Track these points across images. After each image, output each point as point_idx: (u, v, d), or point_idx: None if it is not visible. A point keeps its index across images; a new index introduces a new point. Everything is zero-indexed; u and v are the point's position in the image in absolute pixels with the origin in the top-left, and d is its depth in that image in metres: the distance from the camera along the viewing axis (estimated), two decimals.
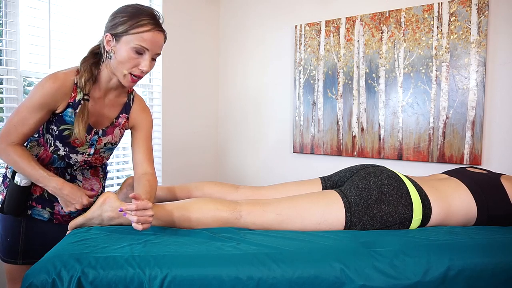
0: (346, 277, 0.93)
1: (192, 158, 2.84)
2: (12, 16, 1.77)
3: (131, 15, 1.14)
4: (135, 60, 1.15)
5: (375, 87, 2.33)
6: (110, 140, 1.32)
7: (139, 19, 1.13)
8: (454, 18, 2.08)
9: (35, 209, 1.26)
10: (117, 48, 1.14)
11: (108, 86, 1.25)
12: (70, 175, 1.31)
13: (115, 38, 1.14)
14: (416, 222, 1.21)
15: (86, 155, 1.28)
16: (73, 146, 1.24)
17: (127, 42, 1.13)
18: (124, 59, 1.15)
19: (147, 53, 1.15)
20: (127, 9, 1.15)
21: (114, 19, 1.15)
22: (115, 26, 1.14)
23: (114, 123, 1.32)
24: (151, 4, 2.48)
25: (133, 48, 1.13)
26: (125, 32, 1.12)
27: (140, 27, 1.12)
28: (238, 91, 2.96)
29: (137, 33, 1.12)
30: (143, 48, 1.14)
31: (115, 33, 1.14)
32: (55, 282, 0.90)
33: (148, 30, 1.13)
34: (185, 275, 0.92)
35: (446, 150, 2.13)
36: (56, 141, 1.22)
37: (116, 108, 1.32)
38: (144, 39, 1.13)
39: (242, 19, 2.91)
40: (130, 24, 1.12)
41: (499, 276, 0.96)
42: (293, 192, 1.42)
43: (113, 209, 1.16)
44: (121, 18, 1.14)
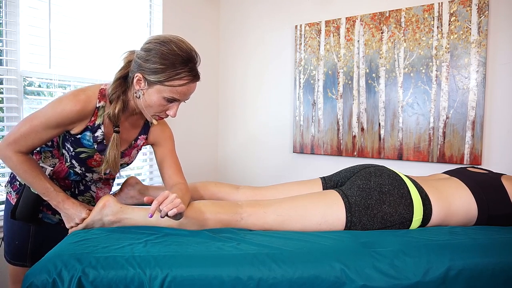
0: (346, 277, 0.93)
1: (192, 158, 2.84)
2: (12, 16, 1.77)
3: (169, 64, 1.06)
4: (164, 106, 1.13)
5: (375, 87, 2.33)
6: (126, 161, 1.31)
7: (176, 70, 1.06)
8: (454, 18, 2.08)
9: (45, 214, 1.26)
10: (148, 92, 1.10)
11: (131, 113, 1.22)
12: (85, 185, 1.31)
13: (147, 82, 1.09)
14: (416, 222, 1.21)
15: (102, 174, 1.26)
16: (89, 167, 1.23)
17: (159, 91, 1.09)
18: (153, 104, 1.11)
19: (178, 102, 1.14)
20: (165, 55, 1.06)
21: (148, 62, 1.07)
22: (149, 72, 1.07)
23: (133, 145, 1.30)
24: (151, 4, 2.48)
25: (165, 98, 1.10)
26: (160, 82, 1.07)
27: (177, 80, 1.07)
28: (238, 91, 2.96)
29: (172, 86, 1.07)
30: (176, 99, 1.11)
31: (148, 78, 1.08)
32: (56, 282, 0.90)
33: (184, 84, 1.08)
34: (186, 275, 0.92)
35: (446, 150, 2.13)
36: (73, 160, 1.21)
37: (136, 130, 1.29)
38: (178, 92, 1.09)
39: (242, 19, 2.91)
40: (166, 76, 1.06)
41: (499, 276, 0.96)
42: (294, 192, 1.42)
43: (114, 213, 1.16)
44: (158, 66, 1.06)
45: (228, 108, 3.03)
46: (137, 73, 1.10)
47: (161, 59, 1.06)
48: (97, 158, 1.21)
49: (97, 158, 1.21)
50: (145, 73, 1.08)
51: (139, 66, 1.09)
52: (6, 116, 1.79)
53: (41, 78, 1.94)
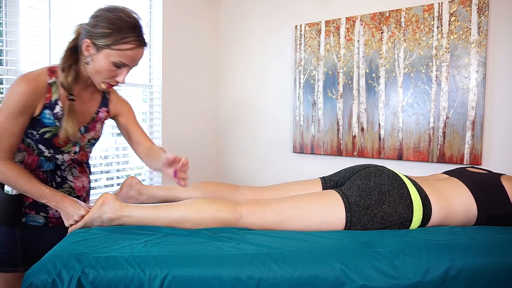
0: (346, 277, 0.93)
1: (192, 158, 2.84)
2: (12, 16, 1.77)
3: (116, 29, 1.10)
4: (113, 72, 1.15)
5: (375, 87, 2.33)
6: (93, 135, 1.32)
7: (123, 35, 1.10)
8: (454, 18, 2.08)
9: (28, 216, 1.24)
10: (97, 57, 1.13)
11: (86, 84, 1.24)
12: (61, 177, 1.29)
13: (96, 47, 1.12)
14: (416, 222, 1.21)
15: (72, 154, 1.27)
16: (57, 147, 1.22)
17: (107, 55, 1.12)
18: (102, 70, 1.14)
19: (126, 67, 1.16)
20: (112, 20, 1.11)
21: (96, 27, 1.11)
22: (97, 36, 1.11)
23: (95, 118, 1.31)
24: (151, 4, 2.49)
25: (113, 62, 1.13)
26: (107, 46, 1.10)
27: (124, 44, 1.11)
28: (238, 91, 2.97)
29: (120, 50, 1.11)
30: (123, 63, 1.14)
31: (97, 43, 1.11)
32: (55, 282, 0.90)
33: (131, 48, 1.12)
34: (185, 275, 0.92)
35: (446, 150, 2.13)
36: (39, 145, 1.20)
37: (95, 103, 1.31)
38: (126, 56, 1.13)
39: (242, 19, 2.91)
40: (113, 39, 1.10)
41: (499, 276, 0.96)
42: (294, 192, 1.42)
43: (113, 211, 1.16)
44: (105, 30, 1.10)
45: (228, 108, 3.03)
46: (85, 39, 1.12)
47: (109, 24, 1.10)
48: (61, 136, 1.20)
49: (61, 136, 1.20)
50: (93, 38, 1.11)
51: (88, 32, 1.12)
52: None
53: None
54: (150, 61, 2.52)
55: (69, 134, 1.17)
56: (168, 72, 2.57)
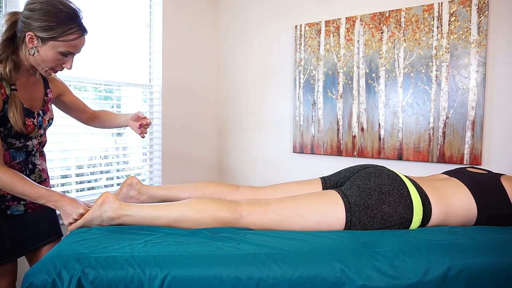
0: (346, 277, 0.93)
1: (192, 158, 2.84)
2: None
3: (59, 22, 1.15)
4: (60, 60, 1.22)
5: (375, 87, 2.33)
6: (50, 116, 1.39)
7: (68, 26, 1.16)
8: (454, 18, 2.08)
9: (12, 207, 1.27)
10: (42, 48, 1.17)
11: (29, 72, 1.28)
12: (31, 163, 1.35)
13: (40, 40, 1.16)
14: (416, 222, 1.21)
15: (39, 137, 1.34)
16: (26, 135, 1.28)
17: (54, 46, 1.17)
18: (49, 60, 1.20)
19: (72, 55, 1.24)
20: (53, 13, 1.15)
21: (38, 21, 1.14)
22: (40, 30, 1.14)
23: (46, 100, 1.38)
24: (151, 4, 2.49)
25: (60, 52, 1.19)
26: (53, 39, 1.16)
27: (69, 35, 1.17)
28: (238, 91, 2.97)
29: (66, 40, 1.17)
30: (70, 52, 1.21)
31: (41, 36, 1.15)
32: (55, 282, 0.90)
33: (76, 38, 1.19)
34: (185, 275, 0.92)
35: (446, 150, 2.13)
36: (8, 139, 1.24)
37: (40, 87, 1.37)
38: (72, 45, 1.20)
39: (242, 19, 2.91)
40: (59, 31, 1.15)
41: (499, 276, 0.96)
42: (293, 192, 1.42)
43: (113, 210, 1.16)
44: (48, 23, 1.14)
45: (228, 108, 3.03)
46: (28, 32, 1.16)
47: (50, 17, 1.14)
48: (29, 123, 1.26)
49: (29, 123, 1.26)
50: (36, 31, 1.15)
51: (28, 25, 1.15)
52: None
53: None
54: (150, 61, 2.52)
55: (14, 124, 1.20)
56: (168, 72, 2.57)
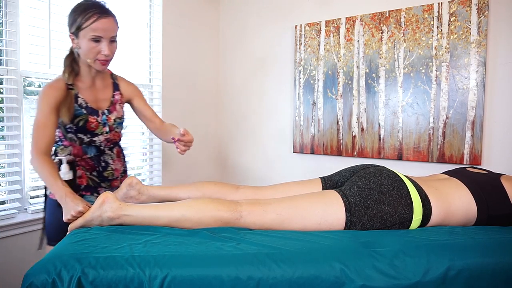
0: (346, 277, 0.93)
1: (192, 158, 2.84)
2: (12, 16, 1.77)
3: (80, 12, 1.31)
4: (96, 48, 1.34)
5: (375, 87, 2.33)
6: (116, 115, 1.53)
7: (86, 13, 1.30)
8: (454, 18, 2.08)
9: (85, 197, 1.45)
10: (79, 43, 1.34)
11: (91, 75, 1.46)
12: (104, 161, 1.52)
13: (75, 35, 1.33)
14: (416, 222, 1.21)
15: (105, 134, 1.49)
16: (91, 131, 1.44)
17: (84, 36, 1.32)
18: (86, 50, 1.34)
19: (103, 39, 1.33)
20: (78, 7, 1.33)
21: (70, 19, 1.33)
22: (72, 24, 1.32)
23: (113, 101, 1.53)
24: (151, 4, 2.49)
25: (89, 39, 1.32)
26: (80, 28, 1.31)
27: (89, 19, 1.30)
28: (238, 91, 2.97)
29: (88, 26, 1.30)
30: (97, 36, 1.32)
31: (74, 31, 1.32)
32: (55, 282, 0.90)
33: (95, 20, 1.30)
34: (185, 275, 0.92)
35: (446, 150, 2.13)
36: (78, 134, 1.43)
37: (108, 89, 1.53)
38: (96, 28, 1.31)
39: (242, 19, 2.91)
40: (81, 19, 1.30)
41: (499, 276, 0.96)
42: (293, 192, 1.42)
43: (113, 210, 1.16)
44: (74, 18, 1.32)
45: (228, 108, 3.03)
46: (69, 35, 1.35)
47: (73, 14, 1.33)
48: (92, 120, 1.43)
49: (92, 120, 1.43)
50: (70, 29, 1.34)
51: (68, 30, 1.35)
52: (6, 116, 1.79)
53: (41, 78, 1.94)
54: (150, 61, 2.52)
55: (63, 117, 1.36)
56: (168, 72, 2.57)
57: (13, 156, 1.84)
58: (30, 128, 1.87)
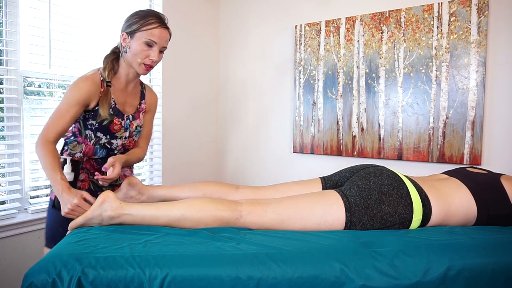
0: (346, 277, 0.93)
1: (192, 158, 2.84)
2: (12, 16, 1.77)
3: (142, 16, 1.39)
4: (146, 52, 1.39)
5: (375, 87, 2.33)
6: (138, 123, 1.56)
7: (148, 18, 1.38)
8: (454, 18, 2.08)
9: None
10: (131, 43, 1.39)
11: (128, 78, 1.49)
12: None
13: (129, 35, 1.39)
14: (416, 222, 1.21)
15: (123, 139, 1.51)
16: (112, 132, 1.46)
17: (139, 38, 1.38)
18: (137, 51, 1.38)
19: (156, 45, 1.39)
20: (139, 12, 1.41)
21: (128, 21, 1.40)
22: (129, 25, 1.39)
23: (139, 109, 1.57)
24: (151, 4, 2.49)
25: (144, 42, 1.37)
26: (138, 30, 1.37)
27: (150, 25, 1.38)
28: (238, 91, 2.97)
29: (147, 29, 1.37)
30: (152, 41, 1.38)
31: (129, 31, 1.38)
32: (55, 282, 0.90)
33: (155, 27, 1.38)
34: (185, 275, 0.92)
35: (446, 150, 2.13)
36: (98, 133, 1.43)
37: (137, 96, 1.57)
38: (153, 34, 1.38)
39: (242, 19, 2.91)
40: (141, 23, 1.37)
41: (499, 276, 0.96)
42: (293, 192, 1.42)
43: (113, 209, 1.16)
44: (134, 19, 1.39)
45: (228, 108, 3.03)
46: (122, 33, 1.40)
47: (135, 15, 1.40)
48: (116, 122, 1.45)
49: (116, 122, 1.45)
50: (126, 29, 1.39)
51: (122, 29, 1.41)
52: (6, 116, 1.79)
53: (41, 78, 1.94)
54: None
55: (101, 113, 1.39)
56: (168, 72, 2.57)
57: (13, 156, 1.84)
58: (30, 128, 1.88)
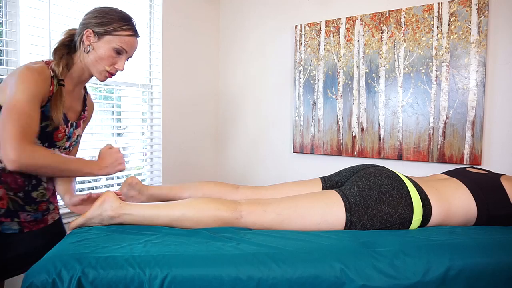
0: (346, 277, 0.93)
1: (192, 158, 2.84)
2: (12, 16, 1.77)
3: (118, 18, 1.23)
4: (114, 59, 1.24)
5: (375, 87, 2.33)
6: (79, 132, 1.36)
7: (124, 23, 1.23)
8: (454, 18, 2.08)
9: (4, 224, 1.15)
10: (98, 45, 1.22)
11: (80, 80, 1.29)
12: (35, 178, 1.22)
13: (97, 35, 1.21)
14: (416, 222, 1.21)
15: (63, 149, 1.27)
16: (54, 141, 1.21)
17: (109, 42, 1.21)
18: (103, 56, 1.22)
19: (125, 54, 1.26)
20: (113, 12, 1.24)
21: (97, 17, 1.22)
22: (100, 24, 1.21)
23: (81, 116, 1.36)
24: (151, 4, 2.49)
25: (114, 48, 1.22)
26: (109, 33, 1.21)
27: (124, 30, 1.23)
28: (238, 91, 2.97)
29: (120, 35, 1.22)
30: (123, 49, 1.24)
31: (98, 31, 1.21)
32: (55, 282, 0.90)
33: (130, 35, 1.24)
34: (186, 275, 0.92)
35: (446, 150, 2.13)
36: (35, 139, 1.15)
37: (80, 102, 1.36)
38: (126, 42, 1.24)
39: (242, 19, 2.91)
40: (115, 26, 1.21)
41: (499, 276, 0.96)
42: (294, 192, 1.42)
43: (113, 209, 1.17)
44: (107, 19, 1.22)
45: (228, 108, 3.03)
46: (86, 29, 1.22)
47: (108, 14, 1.23)
48: (61, 129, 1.22)
49: (61, 129, 1.22)
50: (94, 27, 1.21)
51: (87, 24, 1.22)
52: None
53: None
54: (150, 61, 2.52)
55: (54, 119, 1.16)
56: (168, 72, 2.57)
57: None
58: None
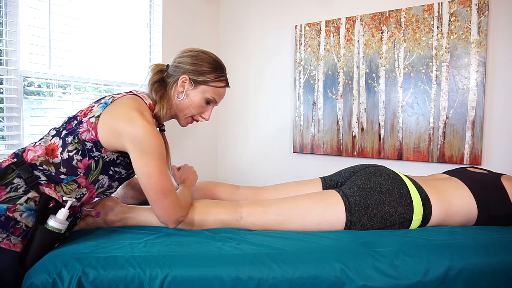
0: (346, 277, 0.93)
1: (192, 158, 2.84)
2: (12, 16, 1.77)
3: (214, 67, 1.21)
4: (203, 108, 1.25)
5: (375, 87, 2.33)
6: None
7: (220, 74, 1.22)
8: (454, 18, 2.08)
9: None
10: (192, 92, 1.21)
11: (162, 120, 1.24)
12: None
13: (193, 83, 1.20)
14: (416, 222, 1.21)
15: None
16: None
17: (203, 91, 1.21)
18: (195, 105, 1.22)
19: (213, 104, 1.26)
20: (210, 60, 1.22)
21: (196, 65, 1.20)
22: (197, 73, 1.19)
23: None
24: (151, 4, 2.49)
25: (206, 98, 1.22)
26: (205, 83, 1.20)
27: (220, 82, 1.23)
28: (238, 91, 2.96)
29: (216, 87, 1.22)
30: (214, 100, 1.24)
31: (194, 79, 1.19)
32: (56, 282, 0.90)
33: (224, 86, 1.26)
34: (186, 275, 0.92)
35: (446, 150, 2.13)
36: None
37: None
38: (218, 94, 1.24)
39: (242, 19, 2.91)
40: (213, 77, 1.21)
41: (499, 276, 0.96)
42: (294, 192, 1.42)
43: (115, 213, 1.17)
44: (205, 68, 1.20)
45: (228, 108, 3.03)
46: (182, 75, 1.20)
47: (204, 63, 1.20)
48: None
49: None
50: (191, 74, 1.19)
51: (182, 69, 1.20)
52: (6, 116, 1.79)
53: (41, 78, 1.94)
54: (150, 61, 2.52)
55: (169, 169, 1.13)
56: None
57: None
58: (30, 128, 1.87)
